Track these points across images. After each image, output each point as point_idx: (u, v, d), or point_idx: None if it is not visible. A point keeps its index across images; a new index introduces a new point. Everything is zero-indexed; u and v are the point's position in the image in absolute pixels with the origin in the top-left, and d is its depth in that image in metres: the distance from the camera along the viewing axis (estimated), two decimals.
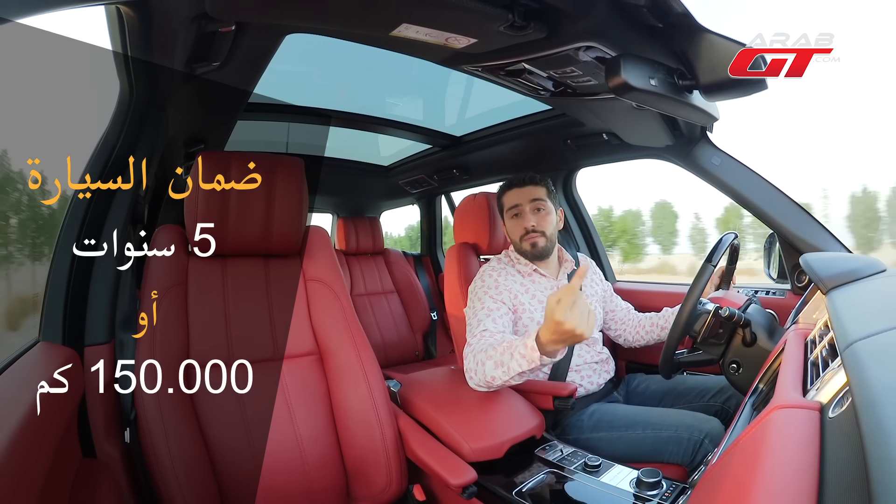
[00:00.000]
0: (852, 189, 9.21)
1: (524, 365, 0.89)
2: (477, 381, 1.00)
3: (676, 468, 0.98)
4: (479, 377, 0.98)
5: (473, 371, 1.00)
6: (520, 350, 0.89)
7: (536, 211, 1.24)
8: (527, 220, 1.23)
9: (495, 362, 0.94)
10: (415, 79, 1.52)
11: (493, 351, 0.96)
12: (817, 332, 0.64)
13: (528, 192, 1.25)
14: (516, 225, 1.25)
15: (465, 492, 0.83)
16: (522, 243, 1.24)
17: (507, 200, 1.28)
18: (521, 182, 1.26)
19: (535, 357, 0.87)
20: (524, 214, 1.24)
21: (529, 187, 1.25)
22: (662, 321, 1.29)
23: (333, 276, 1.09)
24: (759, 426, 0.43)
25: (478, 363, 0.99)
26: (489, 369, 0.95)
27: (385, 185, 2.43)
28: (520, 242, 1.25)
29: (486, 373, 0.96)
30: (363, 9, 0.81)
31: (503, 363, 0.93)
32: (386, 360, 2.26)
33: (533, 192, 1.25)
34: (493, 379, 0.95)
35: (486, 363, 0.96)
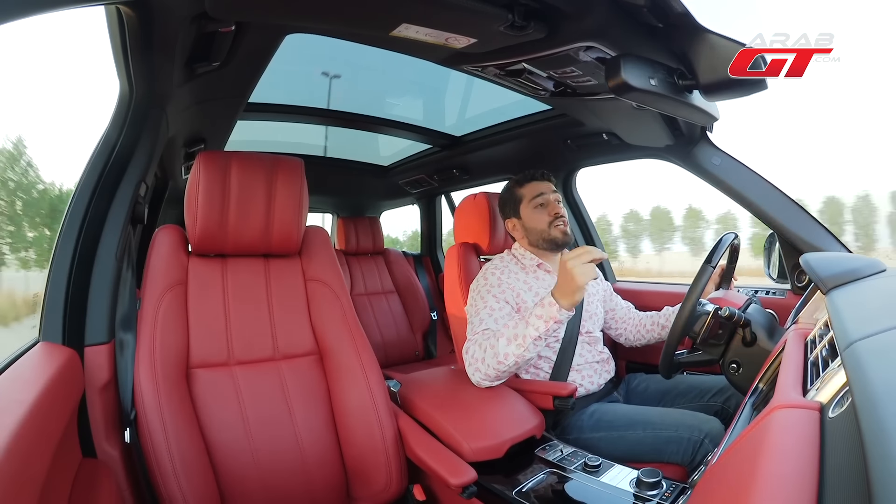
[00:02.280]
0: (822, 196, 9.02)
1: (541, 327, 0.97)
2: (484, 370, 1.02)
3: (676, 468, 0.98)
4: (489, 362, 1.01)
5: (480, 360, 1.02)
6: (535, 312, 0.98)
7: (558, 202, 1.27)
8: (554, 207, 1.25)
9: (508, 338, 1.00)
10: (415, 79, 1.52)
11: (504, 329, 1.02)
12: (817, 331, 0.64)
13: (548, 185, 1.28)
14: (541, 214, 1.26)
15: (465, 491, 0.83)
16: (552, 229, 1.24)
17: (528, 191, 1.28)
18: (542, 176, 1.29)
19: (554, 311, 0.96)
20: (550, 203, 1.26)
21: (548, 182, 1.29)
22: (663, 320, 1.29)
23: (333, 276, 1.09)
24: (759, 426, 0.43)
25: (485, 349, 1.02)
26: (502, 347, 1.00)
27: (385, 185, 2.43)
28: (549, 229, 1.25)
29: (499, 352, 1.00)
30: (363, 9, 0.81)
31: (517, 336, 0.99)
32: (386, 360, 2.26)
33: (551, 187, 1.28)
34: (506, 357, 1.00)
35: (496, 345, 1.01)
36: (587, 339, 1.24)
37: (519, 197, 1.29)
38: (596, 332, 1.27)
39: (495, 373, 1.03)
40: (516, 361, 1.01)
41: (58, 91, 22.67)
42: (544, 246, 1.26)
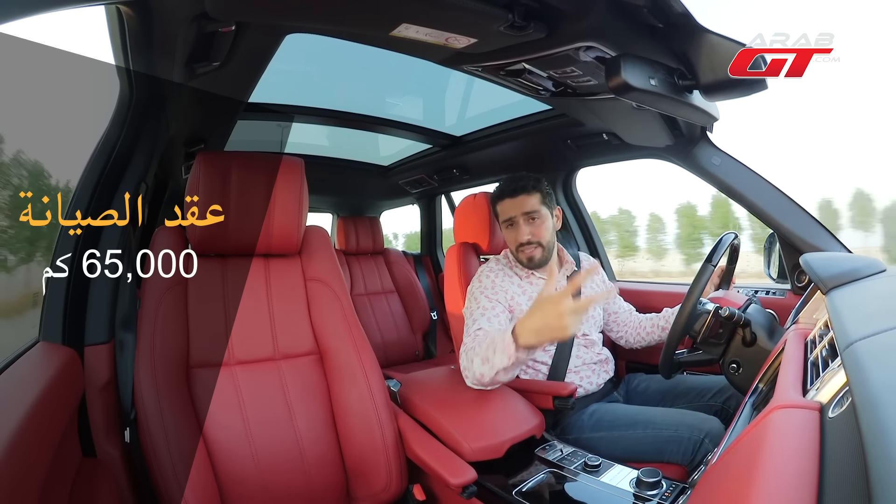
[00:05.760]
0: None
1: (504, 361, 0.90)
2: (471, 378, 1.02)
3: (676, 468, 0.98)
4: (472, 375, 1.00)
5: (468, 369, 1.02)
6: (499, 345, 0.90)
7: (531, 221, 1.20)
8: (521, 232, 1.20)
9: (482, 358, 0.96)
10: (415, 79, 1.52)
11: (479, 348, 0.98)
12: (817, 331, 0.64)
13: (520, 203, 1.20)
14: (512, 234, 1.24)
15: (465, 491, 0.83)
16: (518, 255, 1.24)
17: (500, 211, 1.26)
18: (512, 192, 1.22)
19: (512, 351, 0.87)
20: (518, 226, 1.21)
21: (521, 197, 1.21)
22: (663, 322, 1.29)
23: (333, 275, 1.09)
24: (759, 426, 0.43)
25: (469, 360, 1.01)
26: (476, 366, 0.97)
27: (385, 184, 2.43)
28: (516, 252, 1.24)
29: (475, 370, 0.98)
30: (363, 9, 0.81)
31: (488, 359, 0.94)
32: (386, 360, 2.26)
33: (525, 203, 1.20)
34: (481, 376, 0.97)
35: (474, 360, 0.98)
36: (584, 342, 1.23)
37: (496, 212, 1.29)
38: (593, 334, 1.27)
39: (480, 384, 1.01)
40: (492, 380, 0.97)
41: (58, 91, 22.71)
42: (521, 265, 1.26)
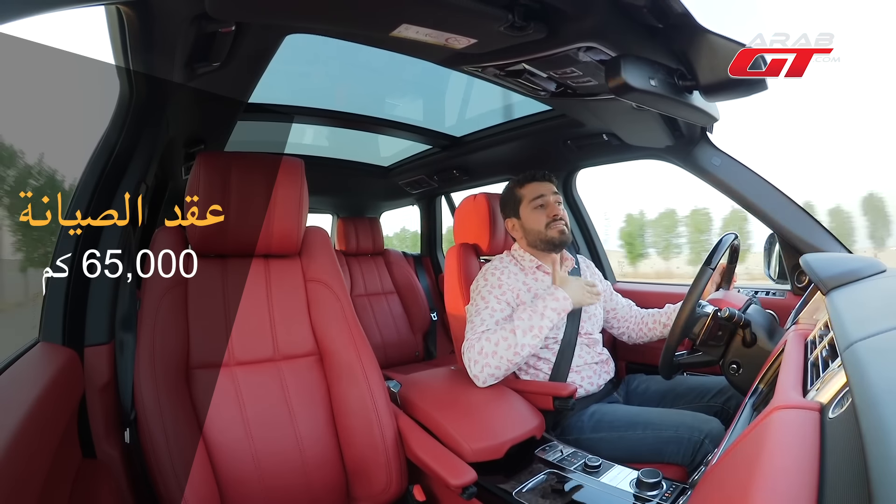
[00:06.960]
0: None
1: (555, 318, 1.09)
2: (495, 363, 1.06)
3: (676, 468, 0.97)
4: (501, 354, 1.06)
5: (490, 354, 1.06)
6: (550, 305, 1.09)
7: (558, 203, 1.28)
8: (553, 208, 1.26)
9: (524, 330, 1.07)
10: (415, 79, 1.52)
11: (519, 322, 1.08)
12: (817, 332, 0.64)
13: (548, 187, 1.28)
14: (540, 214, 1.26)
15: (465, 492, 0.83)
16: (549, 230, 1.25)
17: (528, 192, 1.28)
18: (542, 177, 1.30)
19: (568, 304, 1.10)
20: (549, 204, 1.26)
21: (549, 183, 1.29)
22: (664, 318, 1.29)
23: (333, 276, 1.09)
24: (759, 427, 0.43)
25: (496, 343, 1.06)
26: (519, 338, 1.06)
27: (385, 185, 2.43)
28: (545, 230, 1.25)
29: (517, 342, 1.05)
30: (363, 9, 0.81)
31: (532, 327, 1.07)
32: (386, 361, 2.26)
33: (552, 188, 1.29)
34: (521, 348, 1.06)
35: (509, 337, 1.06)
36: (586, 340, 1.24)
37: (519, 197, 1.30)
38: (595, 333, 1.27)
39: (507, 365, 1.07)
40: (528, 353, 1.07)
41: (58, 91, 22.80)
42: (542, 247, 1.26)
